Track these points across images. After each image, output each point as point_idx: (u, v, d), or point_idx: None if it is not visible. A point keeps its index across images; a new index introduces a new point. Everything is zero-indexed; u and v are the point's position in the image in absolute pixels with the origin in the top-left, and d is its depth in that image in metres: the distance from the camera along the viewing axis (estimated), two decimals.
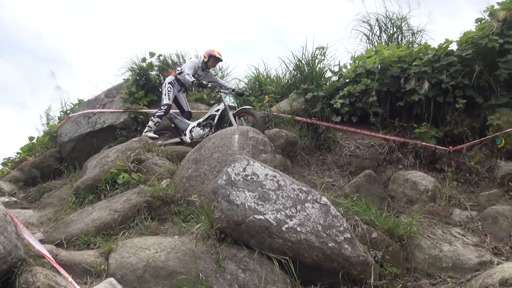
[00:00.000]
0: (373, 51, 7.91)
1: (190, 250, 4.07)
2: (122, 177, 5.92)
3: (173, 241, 4.26)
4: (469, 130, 6.84)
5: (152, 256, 4.02)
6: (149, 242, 4.26)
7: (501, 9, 7.01)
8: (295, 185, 4.50)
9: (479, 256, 4.54)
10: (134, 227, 5.02)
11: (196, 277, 3.80)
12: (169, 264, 3.94)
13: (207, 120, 7.63)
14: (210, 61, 7.94)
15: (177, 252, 4.06)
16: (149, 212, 5.23)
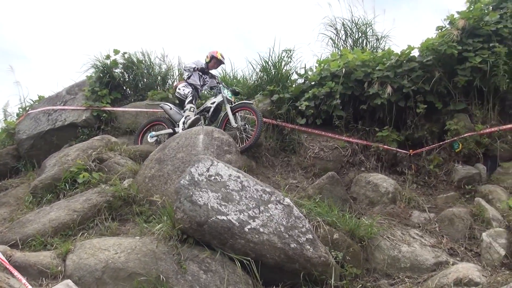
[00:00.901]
0: (338, 55, 8.03)
1: (151, 251, 4.00)
2: (82, 176, 5.75)
3: (134, 242, 4.18)
4: (428, 134, 7.03)
5: (111, 257, 3.94)
6: (109, 243, 4.16)
7: (460, 18, 7.25)
8: (258, 186, 4.51)
9: (436, 257, 4.68)
10: (93, 228, 4.90)
11: (157, 279, 3.75)
12: (129, 265, 3.87)
13: (202, 113, 7.35)
14: (212, 62, 7.70)
15: (138, 253, 3.99)
16: (110, 213, 5.12)
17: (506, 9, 7.15)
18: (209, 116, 7.28)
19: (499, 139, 6.74)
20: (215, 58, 7.63)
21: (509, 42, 6.95)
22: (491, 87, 6.93)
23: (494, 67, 6.77)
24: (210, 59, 7.66)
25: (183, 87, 7.60)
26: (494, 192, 6.05)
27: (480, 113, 6.95)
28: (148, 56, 9.26)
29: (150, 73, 9.22)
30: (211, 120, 7.31)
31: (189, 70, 7.69)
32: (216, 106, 7.28)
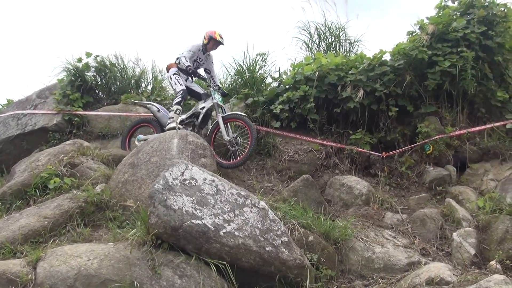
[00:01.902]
0: (312, 59, 8.12)
1: (124, 257, 3.93)
2: (53, 181, 5.61)
3: (107, 248, 4.10)
4: (400, 137, 7.18)
5: (84, 264, 3.84)
6: (81, 250, 4.07)
7: (430, 23, 7.46)
8: (233, 190, 4.50)
9: (408, 257, 4.77)
10: (65, 234, 4.78)
11: (131, 285, 3.69)
12: (102, 272, 3.79)
13: (191, 118, 6.99)
14: (210, 43, 7.19)
15: (111, 259, 3.92)
16: (82, 219, 5.00)
17: (473, 15, 7.36)
18: (198, 123, 6.93)
19: (468, 141, 6.95)
20: (213, 40, 7.15)
21: (476, 47, 7.16)
22: (460, 91, 7.14)
23: (462, 71, 6.99)
24: (208, 41, 7.18)
25: (175, 80, 7.12)
26: (464, 193, 6.22)
27: (449, 116, 7.15)
28: (122, 59, 9.14)
29: (124, 77, 9.08)
30: (200, 127, 6.98)
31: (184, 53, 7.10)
32: (206, 112, 6.93)
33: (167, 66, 7.49)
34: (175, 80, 7.12)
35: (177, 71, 7.18)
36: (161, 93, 8.87)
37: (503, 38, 7.41)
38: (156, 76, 9.24)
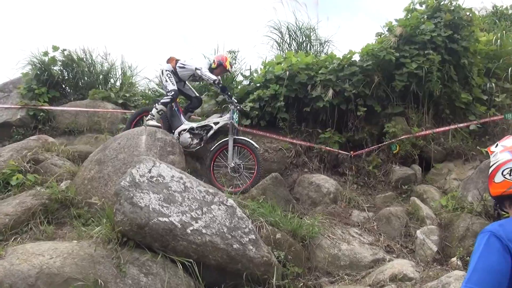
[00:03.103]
0: (283, 58, 8.15)
1: (88, 255, 3.87)
2: (16, 178, 5.44)
3: (71, 246, 4.02)
4: (368, 136, 7.30)
5: (46, 263, 3.76)
6: (44, 248, 3.98)
7: (398, 26, 7.60)
8: (201, 187, 4.49)
9: (374, 254, 4.86)
10: (28, 232, 4.67)
11: (95, 283, 3.64)
12: (65, 270, 3.72)
13: (201, 130, 6.55)
14: (218, 69, 6.79)
15: (75, 257, 3.85)
16: (46, 216, 4.89)
17: (440, 18, 7.55)
18: (207, 137, 6.54)
19: (433, 141, 7.14)
20: (222, 67, 6.81)
21: (442, 50, 7.34)
22: (426, 92, 7.30)
23: (428, 73, 7.15)
24: (216, 66, 6.79)
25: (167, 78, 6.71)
26: (428, 192, 6.38)
27: (416, 117, 7.31)
28: (90, 53, 8.95)
29: (91, 72, 8.90)
30: (207, 142, 6.58)
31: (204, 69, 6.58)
32: (218, 128, 6.55)
33: (168, 59, 7.05)
34: (167, 78, 6.76)
35: (170, 71, 6.80)
36: (130, 89, 8.74)
37: (468, 42, 7.63)
38: (125, 71, 9.10)
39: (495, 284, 1.65)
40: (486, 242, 1.75)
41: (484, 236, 1.79)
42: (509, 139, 2.01)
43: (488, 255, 1.71)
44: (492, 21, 10.92)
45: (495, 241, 1.73)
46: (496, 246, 1.72)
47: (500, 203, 2.01)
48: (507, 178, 1.88)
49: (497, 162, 1.94)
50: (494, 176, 1.94)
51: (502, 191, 1.91)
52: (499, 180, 1.92)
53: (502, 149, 1.97)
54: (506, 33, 9.05)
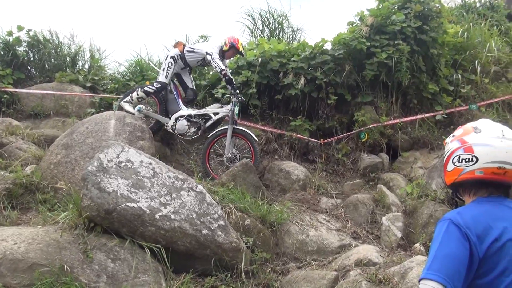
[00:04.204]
0: (255, 45, 8.13)
1: (54, 241, 3.81)
2: None
3: (36, 231, 3.95)
4: (338, 124, 7.41)
5: (10, 248, 3.68)
6: (7, 233, 3.89)
7: (369, 15, 7.68)
8: (171, 173, 4.46)
9: (340, 240, 4.97)
10: None
11: (60, 269, 3.58)
12: (29, 256, 3.65)
13: (199, 118, 6.40)
14: (230, 51, 6.65)
15: (40, 243, 3.78)
16: (10, 201, 4.79)
17: (410, 9, 7.66)
18: (205, 127, 6.39)
19: (400, 130, 7.30)
20: (234, 48, 6.63)
21: (412, 41, 7.46)
22: (395, 82, 7.43)
23: (398, 63, 7.26)
24: (228, 48, 6.60)
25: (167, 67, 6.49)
26: (395, 179, 6.53)
27: (384, 106, 7.45)
28: (56, 35, 8.68)
29: (58, 54, 8.65)
30: (205, 131, 6.44)
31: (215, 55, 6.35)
32: (218, 119, 6.43)
33: (175, 44, 6.85)
34: (167, 66, 6.51)
35: (177, 55, 6.55)
36: (98, 73, 8.55)
37: (436, 33, 7.79)
38: (93, 54, 8.88)
39: (455, 270, 1.71)
40: (445, 230, 1.82)
41: (443, 224, 1.86)
42: (459, 129, 2.09)
43: (448, 242, 1.78)
44: (460, 14, 11.18)
45: (454, 228, 1.80)
46: (455, 233, 1.79)
47: (456, 191, 2.09)
48: (457, 165, 1.96)
49: (448, 151, 2.02)
50: (446, 165, 2.02)
51: (454, 178, 1.99)
52: (450, 169, 1.99)
53: (452, 138, 2.05)
54: (473, 25, 9.28)
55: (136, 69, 8.74)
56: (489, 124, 2.00)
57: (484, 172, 1.90)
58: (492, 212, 1.86)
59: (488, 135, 1.93)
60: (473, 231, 1.78)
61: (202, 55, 6.50)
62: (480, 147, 1.91)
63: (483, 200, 1.94)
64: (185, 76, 6.88)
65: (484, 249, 1.76)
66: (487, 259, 1.76)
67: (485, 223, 1.80)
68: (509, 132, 1.95)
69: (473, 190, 1.99)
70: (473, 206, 1.93)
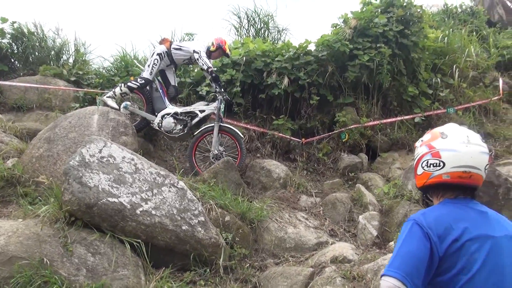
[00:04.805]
0: (240, 43, 8.17)
1: (34, 234, 3.81)
2: None
3: (16, 224, 3.94)
4: (320, 124, 7.51)
5: None
6: None
7: (353, 18, 7.79)
8: (153, 169, 4.50)
9: (318, 237, 5.05)
10: None
11: (40, 262, 3.59)
12: (9, 249, 3.64)
13: (185, 115, 6.39)
14: (217, 52, 6.67)
15: (20, 236, 3.77)
16: None
17: (393, 13, 7.80)
18: (191, 124, 6.40)
19: (380, 131, 7.44)
20: (221, 49, 6.67)
21: (393, 45, 7.61)
22: (376, 84, 7.57)
23: (379, 66, 7.41)
24: (216, 49, 6.63)
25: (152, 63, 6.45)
26: (373, 179, 6.66)
27: (365, 107, 7.58)
28: (41, 28, 8.59)
29: (43, 47, 8.56)
30: (190, 128, 6.45)
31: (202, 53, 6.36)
32: (204, 116, 6.43)
33: (161, 41, 6.86)
34: (152, 62, 6.47)
35: (163, 52, 6.53)
36: (83, 67, 8.49)
37: (417, 37, 7.94)
38: (78, 48, 8.83)
39: (414, 268, 1.80)
40: (409, 229, 1.91)
41: (408, 224, 1.95)
42: (427, 133, 2.18)
43: (410, 241, 1.87)
44: (442, 19, 11.37)
45: (417, 228, 1.89)
46: (418, 233, 1.88)
47: (425, 192, 2.18)
48: (425, 170, 2.05)
49: (417, 156, 2.12)
50: (416, 169, 2.11)
51: (423, 182, 2.08)
52: (420, 172, 2.09)
53: (421, 143, 2.14)
54: (453, 31, 9.47)
55: (121, 65, 8.70)
56: (455, 129, 2.09)
57: (451, 176, 1.99)
58: (455, 213, 1.95)
59: (454, 141, 2.02)
60: (435, 231, 1.87)
61: (189, 53, 6.51)
62: (447, 153, 2.00)
63: (449, 201, 2.04)
64: (169, 73, 6.87)
65: (444, 249, 1.85)
66: (447, 258, 1.85)
67: (446, 224, 1.90)
68: (474, 137, 2.04)
69: (441, 192, 2.08)
70: (438, 207, 2.03)
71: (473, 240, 1.86)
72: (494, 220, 1.99)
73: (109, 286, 3.65)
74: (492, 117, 8.53)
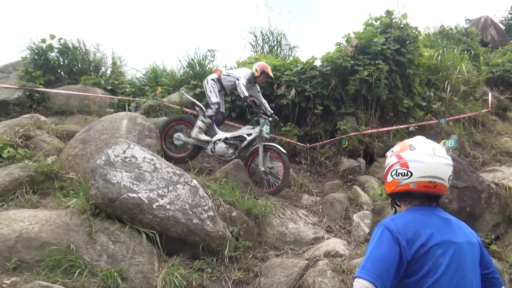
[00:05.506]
0: (254, 59, 8.13)
1: (64, 223, 3.84)
2: (7, 151, 5.31)
3: (49, 214, 3.98)
4: (323, 131, 7.40)
5: (25, 228, 3.73)
6: (25, 215, 3.93)
7: (354, 37, 7.66)
8: (170, 169, 4.48)
9: (315, 233, 4.95)
10: (14, 200, 4.57)
11: (67, 248, 3.62)
12: (41, 236, 3.69)
13: (235, 140, 6.19)
14: (262, 77, 6.49)
15: (51, 224, 3.81)
16: (32, 187, 4.78)
17: (391, 34, 7.65)
18: (242, 147, 6.17)
19: (377, 139, 7.29)
20: (265, 74, 6.48)
21: (391, 62, 7.46)
22: (374, 96, 7.43)
23: (377, 80, 7.27)
24: (260, 74, 6.45)
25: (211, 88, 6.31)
26: (369, 182, 6.51)
27: (364, 117, 7.44)
28: (84, 43, 8.75)
29: (85, 59, 8.71)
30: (241, 151, 6.23)
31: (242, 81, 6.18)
32: (251, 139, 6.20)
33: (214, 71, 6.80)
34: (212, 87, 6.32)
35: (216, 79, 6.40)
36: (118, 77, 8.59)
37: (413, 55, 7.78)
38: (115, 61, 8.94)
39: (384, 270, 1.72)
40: (380, 234, 1.83)
41: (379, 228, 1.87)
42: (397, 145, 2.09)
43: (381, 245, 1.79)
44: (437, 39, 11.12)
45: (387, 233, 1.81)
46: (387, 238, 1.80)
47: (394, 199, 2.09)
48: (394, 178, 1.97)
49: (388, 165, 2.03)
50: (386, 177, 2.03)
51: (392, 189, 1.99)
52: (389, 180, 2.00)
53: (392, 153, 2.05)
54: (446, 50, 9.23)
55: (151, 76, 8.78)
56: (423, 142, 2.00)
57: (417, 185, 1.91)
58: (422, 220, 1.87)
59: (421, 153, 1.93)
60: (404, 236, 1.79)
61: (235, 79, 6.36)
62: (414, 163, 1.92)
63: (416, 208, 1.95)
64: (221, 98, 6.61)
65: (412, 253, 1.77)
66: (414, 261, 1.77)
67: (414, 230, 1.81)
68: (439, 150, 1.95)
69: (408, 199, 2.00)
70: (406, 213, 1.94)
71: (439, 245, 1.78)
72: (456, 226, 1.91)
73: (126, 271, 3.65)
74: (481, 128, 8.28)
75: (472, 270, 1.83)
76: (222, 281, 4.00)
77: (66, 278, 3.42)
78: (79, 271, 3.48)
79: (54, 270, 3.49)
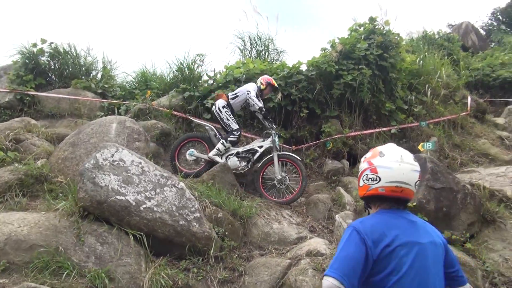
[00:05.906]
0: (242, 63, 8.20)
1: (53, 225, 3.87)
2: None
3: (38, 216, 4.00)
4: (308, 134, 7.49)
5: (14, 231, 3.74)
6: (14, 217, 3.94)
7: (339, 43, 7.77)
8: (157, 171, 4.53)
9: (298, 233, 5.03)
10: (3, 203, 4.57)
11: (56, 250, 3.65)
12: (30, 238, 3.71)
13: (247, 153, 6.30)
14: (267, 89, 6.62)
15: (40, 227, 3.84)
16: (21, 189, 4.79)
17: (373, 40, 7.77)
18: (254, 160, 6.28)
19: (360, 141, 7.39)
20: (270, 85, 6.62)
21: (373, 66, 7.58)
22: (358, 100, 7.54)
23: (361, 85, 7.38)
24: (265, 86, 6.58)
25: (227, 116, 6.37)
26: (353, 183, 6.60)
27: (348, 120, 7.55)
28: (74, 47, 8.73)
29: (75, 63, 8.70)
30: (254, 163, 6.33)
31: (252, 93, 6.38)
32: (263, 151, 6.32)
33: (216, 96, 6.88)
34: (227, 116, 6.37)
35: (226, 105, 6.45)
36: (109, 81, 8.60)
37: (395, 60, 7.92)
38: (105, 65, 8.94)
39: (351, 269, 1.81)
40: (349, 235, 1.91)
41: (348, 230, 1.95)
42: (370, 151, 2.18)
43: (349, 246, 1.87)
44: (419, 44, 11.30)
45: (355, 234, 1.90)
46: (355, 239, 1.88)
47: (366, 201, 2.18)
48: (365, 183, 2.06)
49: (360, 170, 2.12)
50: (359, 181, 2.12)
51: (363, 193, 2.08)
52: (361, 184, 2.09)
53: (364, 159, 2.14)
54: (428, 55, 9.40)
55: (141, 79, 8.79)
56: (392, 149, 2.09)
57: (385, 189, 2.00)
58: (389, 222, 1.96)
59: (390, 159, 2.02)
60: (370, 237, 1.87)
61: (244, 95, 6.46)
62: (383, 169, 2.01)
63: (384, 211, 2.04)
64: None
65: (377, 252, 1.85)
66: (379, 261, 1.85)
67: (381, 231, 1.90)
68: (407, 157, 2.04)
69: (378, 203, 2.09)
70: (375, 216, 2.03)
71: (403, 246, 1.87)
72: (421, 228, 1.99)
73: (114, 272, 3.69)
74: (460, 130, 8.44)
75: (434, 269, 1.92)
76: (207, 281, 4.05)
77: (54, 279, 3.45)
78: (67, 272, 3.52)
79: (43, 271, 3.51)
